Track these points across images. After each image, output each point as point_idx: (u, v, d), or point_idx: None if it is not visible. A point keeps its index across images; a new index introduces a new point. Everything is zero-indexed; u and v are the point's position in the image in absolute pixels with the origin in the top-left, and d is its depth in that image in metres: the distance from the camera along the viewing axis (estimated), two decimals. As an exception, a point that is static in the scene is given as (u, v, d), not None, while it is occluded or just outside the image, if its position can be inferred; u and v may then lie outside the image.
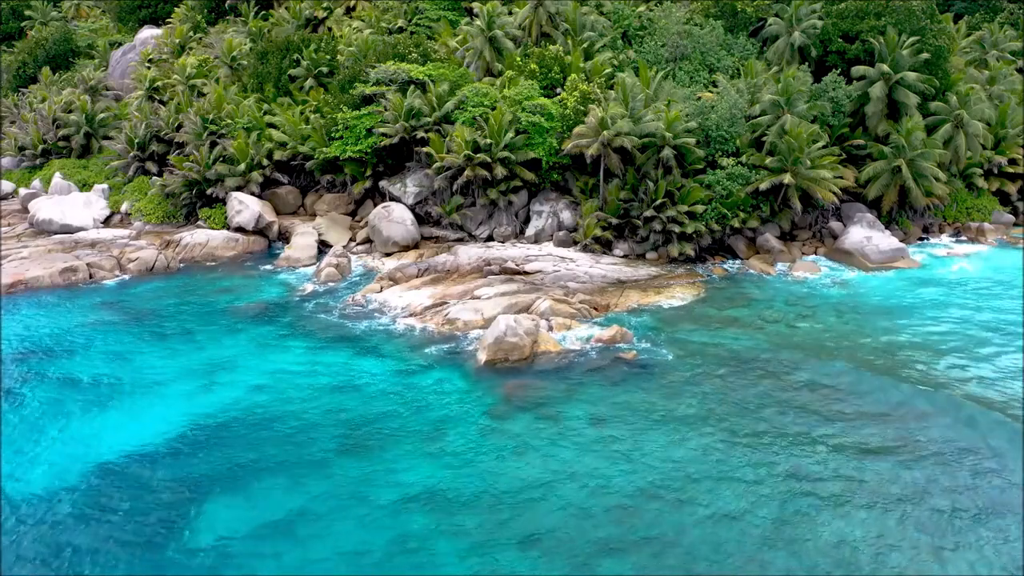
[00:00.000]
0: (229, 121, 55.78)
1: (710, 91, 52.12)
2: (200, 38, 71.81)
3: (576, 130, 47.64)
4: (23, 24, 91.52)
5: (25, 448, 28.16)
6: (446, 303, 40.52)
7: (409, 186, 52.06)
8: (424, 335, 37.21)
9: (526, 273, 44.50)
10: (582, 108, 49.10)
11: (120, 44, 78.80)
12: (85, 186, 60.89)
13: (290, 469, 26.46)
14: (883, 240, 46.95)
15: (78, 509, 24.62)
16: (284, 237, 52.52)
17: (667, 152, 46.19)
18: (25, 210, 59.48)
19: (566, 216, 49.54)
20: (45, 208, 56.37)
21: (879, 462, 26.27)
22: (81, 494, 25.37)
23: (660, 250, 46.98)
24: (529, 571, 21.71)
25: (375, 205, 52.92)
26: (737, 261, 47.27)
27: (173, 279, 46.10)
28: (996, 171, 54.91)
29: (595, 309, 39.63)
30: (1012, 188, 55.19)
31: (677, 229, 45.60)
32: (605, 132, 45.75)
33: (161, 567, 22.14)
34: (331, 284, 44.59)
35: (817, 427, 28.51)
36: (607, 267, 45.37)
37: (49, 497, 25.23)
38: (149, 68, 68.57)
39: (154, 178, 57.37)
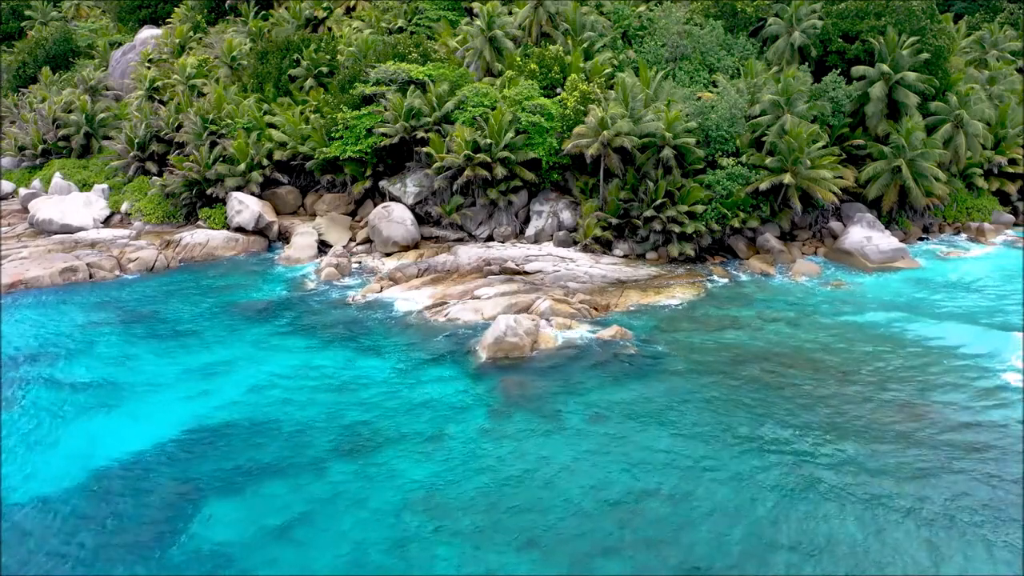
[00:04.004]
0: (229, 121, 55.78)
1: (710, 91, 52.10)
2: (200, 38, 71.82)
3: (576, 130, 47.64)
4: (23, 24, 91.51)
5: (24, 450, 28.14)
6: (446, 303, 40.53)
7: (409, 186, 52.05)
8: (424, 335, 37.19)
9: (526, 273, 44.50)
10: (582, 108, 49.10)
11: (120, 44, 78.77)
12: (85, 186, 60.88)
13: (289, 470, 26.45)
14: (883, 240, 46.92)
15: (77, 511, 24.59)
16: (284, 237, 52.54)
17: (667, 152, 46.18)
18: (25, 210, 59.48)
19: (566, 216, 49.54)
20: (45, 208, 56.35)
21: (881, 461, 26.27)
22: (81, 496, 25.34)
23: (660, 250, 46.99)
24: (528, 572, 21.70)
25: (375, 205, 52.93)
26: (737, 261, 47.25)
27: (173, 279, 46.10)
28: (996, 171, 54.94)
29: (595, 309, 39.62)
30: (1012, 188, 55.21)
31: (677, 229, 45.59)
32: (605, 132, 45.75)
33: (161, 570, 22.12)
34: (331, 284, 44.58)
35: (818, 425, 28.50)
36: (607, 267, 45.36)
37: (48, 499, 25.20)
38: (149, 68, 68.55)
39: (154, 178, 57.37)
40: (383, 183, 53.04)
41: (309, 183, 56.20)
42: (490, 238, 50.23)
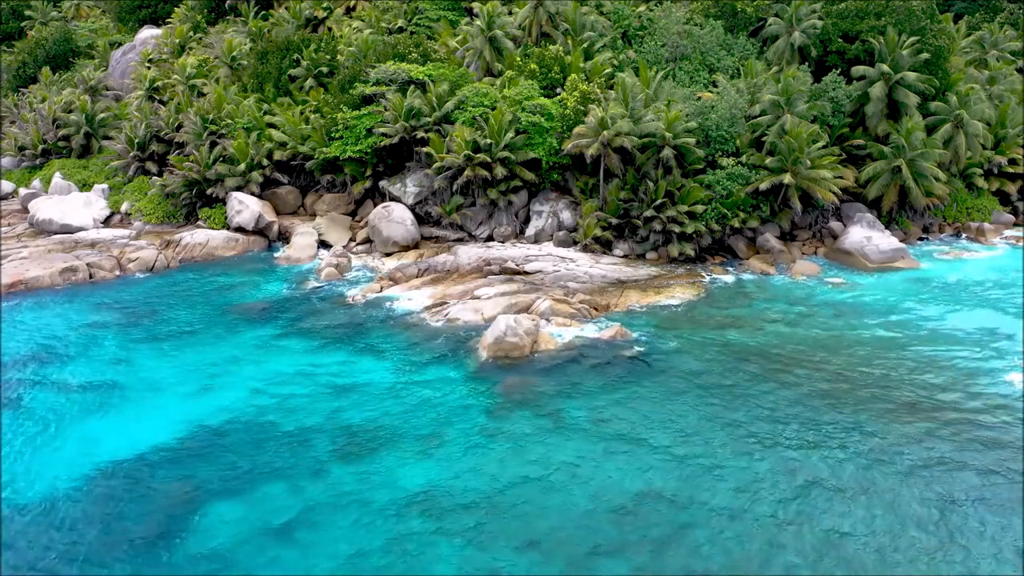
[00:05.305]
0: (229, 121, 55.78)
1: (710, 91, 52.10)
2: (200, 38, 71.81)
3: (576, 130, 47.64)
4: (23, 24, 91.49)
5: (24, 451, 28.14)
6: (446, 303, 40.53)
7: (409, 186, 52.05)
8: (424, 335, 37.20)
9: (526, 273, 44.50)
10: (582, 108, 49.09)
11: (120, 44, 78.75)
12: (85, 186, 60.87)
13: (290, 471, 26.45)
14: (883, 240, 46.93)
15: (78, 512, 24.58)
16: (284, 237, 52.54)
17: (667, 152, 46.19)
18: (25, 210, 59.46)
19: (566, 216, 49.54)
20: (45, 208, 56.34)
21: (883, 460, 26.27)
22: (81, 497, 25.33)
23: (660, 250, 46.98)
24: (529, 572, 21.70)
25: (375, 205, 52.92)
26: (737, 261, 47.24)
27: (173, 279, 46.09)
28: (996, 171, 54.94)
29: (595, 309, 39.63)
30: (1012, 188, 55.23)
31: (677, 229, 45.58)
32: (605, 132, 45.75)
33: (162, 570, 22.11)
34: (331, 284, 44.58)
35: (817, 425, 28.50)
36: (607, 267, 45.36)
37: (48, 500, 25.19)
38: (149, 68, 68.54)
39: (154, 178, 57.37)
40: (383, 183, 53.04)
41: (309, 183, 56.19)
42: (490, 238, 50.23)
